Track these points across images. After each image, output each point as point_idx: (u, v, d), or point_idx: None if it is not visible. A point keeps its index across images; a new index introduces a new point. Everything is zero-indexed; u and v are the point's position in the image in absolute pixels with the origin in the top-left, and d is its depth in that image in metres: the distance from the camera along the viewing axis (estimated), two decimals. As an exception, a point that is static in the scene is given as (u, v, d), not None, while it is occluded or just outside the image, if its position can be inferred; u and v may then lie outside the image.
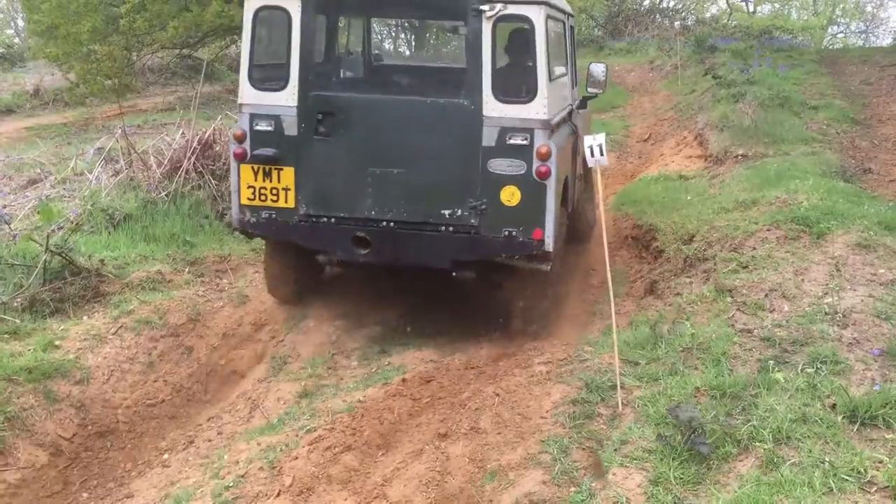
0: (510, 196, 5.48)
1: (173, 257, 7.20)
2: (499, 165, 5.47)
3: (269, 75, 5.87)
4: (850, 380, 4.14)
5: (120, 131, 8.85)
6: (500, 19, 5.39)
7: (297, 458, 4.46)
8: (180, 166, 8.25)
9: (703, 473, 3.60)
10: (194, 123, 8.98)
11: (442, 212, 5.58)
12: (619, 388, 4.38)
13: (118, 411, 5.51)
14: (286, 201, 5.72)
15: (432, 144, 5.57)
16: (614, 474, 3.68)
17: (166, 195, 7.91)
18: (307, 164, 5.67)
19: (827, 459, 3.48)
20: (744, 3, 38.78)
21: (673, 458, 3.68)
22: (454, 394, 4.95)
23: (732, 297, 5.39)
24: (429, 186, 5.59)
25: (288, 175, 5.68)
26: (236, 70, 23.11)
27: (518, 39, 5.91)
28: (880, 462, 3.44)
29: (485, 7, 5.34)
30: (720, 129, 11.04)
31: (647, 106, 16.62)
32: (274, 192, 5.70)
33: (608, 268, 4.80)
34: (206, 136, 8.61)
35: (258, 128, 5.66)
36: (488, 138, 5.45)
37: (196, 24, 16.11)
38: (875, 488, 3.31)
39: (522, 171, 5.44)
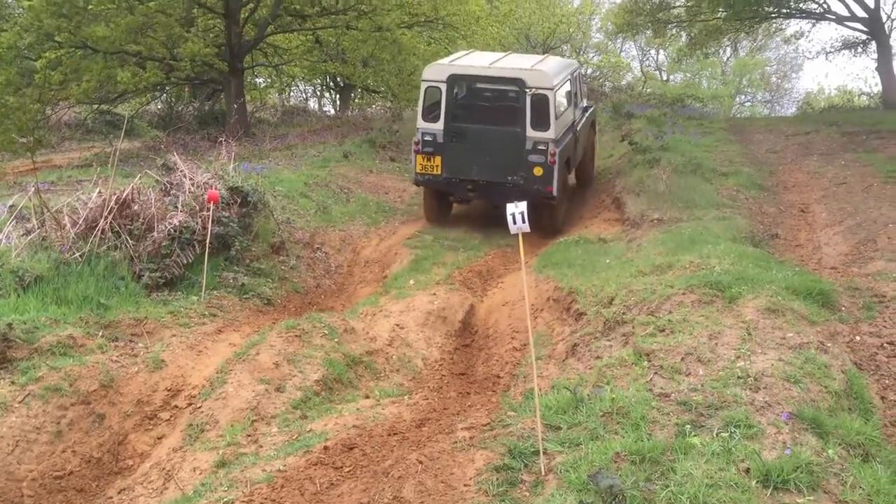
0: (538, 171, 11.03)
1: (86, 321, 6.94)
2: (533, 157, 11.04)
3: (430, 114, 11.51)
4: (763, 444, 4.26)
5: (33, 188, 8.57)
6: (534, 94, 11.03)
7: (213, 532, 4.31)
8: (96, 225, 8.00)
9: (624, 541, 3.63)
10: (112, 181, 8.76)
11: (507, 177, 11.16)
12: (541, 453, 4.40)
13: (23, 484, 5.25)
14: (438, 171, 11.45)
15: (503, 147, 11.17)
16: (537, 543, 3.67)
17: (80, 256, 7.64)
18: (447, 154, 11.38)
19: (743, 524, 3.55)
20: (657, 72, 40.54)
21: (595, 526, 3.70)
22: (377, 461, 4.88)
23: (650, 360, 5.51)
24: (502, 165, 11.17)
25: (438, 159, 11.41)
26: (157, 126, 22.64)
27: (541, 101, 11.11)
28: (793, 526, 3.53)
29: (527, 89, 11.03)
30: (637, 193, 11.41)
31: (568, 169, 16.98)
32: (431, 167, 11.44)
33: (531, 330, 4.86)
34: (125, 194, 8.39)
35: (425, 138, 11.42)
36: (528, 145, 11.07)
37: (109, 77, 15.95)
38: (788, 553, 3.39)
39: (543, 160, 11.01)
